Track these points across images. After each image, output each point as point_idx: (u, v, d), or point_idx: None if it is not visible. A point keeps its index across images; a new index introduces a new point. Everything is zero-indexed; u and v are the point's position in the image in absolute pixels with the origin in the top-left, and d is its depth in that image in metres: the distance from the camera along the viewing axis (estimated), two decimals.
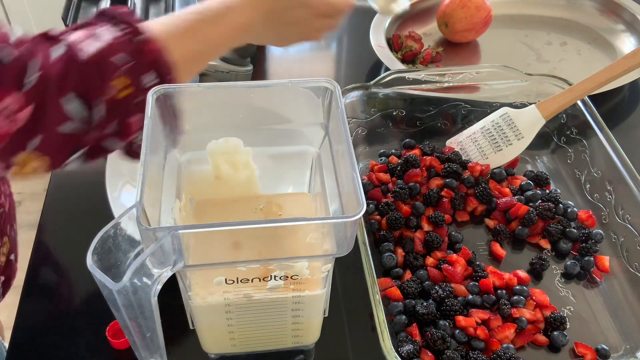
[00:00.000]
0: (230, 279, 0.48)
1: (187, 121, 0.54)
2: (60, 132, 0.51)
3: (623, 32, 1.04)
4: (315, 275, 0.50)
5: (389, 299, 0.62)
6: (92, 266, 0.40)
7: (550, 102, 0.75)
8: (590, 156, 0.73)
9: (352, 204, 0.43)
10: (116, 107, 0.52)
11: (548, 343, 0.61)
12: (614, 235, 0.68)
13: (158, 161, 0.50)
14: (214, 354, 0.59)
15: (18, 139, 0.49)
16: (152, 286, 0.43)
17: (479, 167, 0.74)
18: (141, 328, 0.45)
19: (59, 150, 0.52)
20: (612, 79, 0.74)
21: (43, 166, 0.52)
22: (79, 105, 0.51)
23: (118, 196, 0.68)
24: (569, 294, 0.66)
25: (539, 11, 1.09)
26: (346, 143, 0.47)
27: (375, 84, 0.77)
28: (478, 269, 0.65)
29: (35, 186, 1.92)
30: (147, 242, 0.41)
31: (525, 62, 0.98)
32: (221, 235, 0.43)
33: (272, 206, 0.56)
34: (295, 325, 0.55)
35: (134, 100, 0.53)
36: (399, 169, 0.74)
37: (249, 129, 0.55)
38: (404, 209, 0.70)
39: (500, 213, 0.72)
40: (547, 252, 0.70)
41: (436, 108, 0.81)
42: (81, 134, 0.52)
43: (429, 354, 0.57)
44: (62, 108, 0.50)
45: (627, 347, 0.61)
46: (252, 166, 0.56)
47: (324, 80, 0.52)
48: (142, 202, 0.42)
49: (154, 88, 0.50)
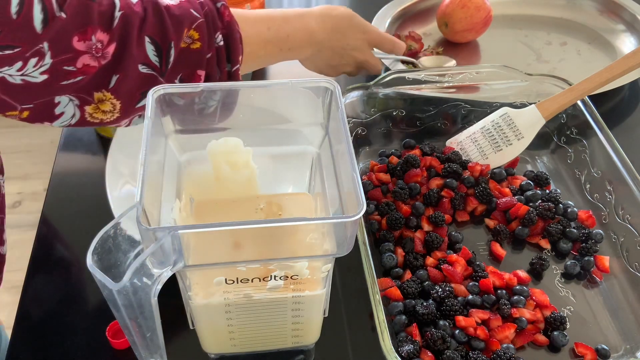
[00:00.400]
0: (230, 279, 0.48)
1: (187, 121, 0.54)
2: (136, 73, 0.56)
3: (623, 32, 1.04)
4: (315, 275, 0.50)
5: (389, 299, 0.62)
6: (92, 266, 0.40)
7: (550, 102, 0.75)
8: (590, 156, 0.73)
9: (352, 204, 0.43)
10: (187, 57, 0.58)
11: (548, 343, 0.61)
12: (614, 235, 0.68)
13: (158, 161, 0.50)
14: (214, 354, 0.59)
15: (103, 74, 0.55)
16: (152, 286, 0.43)
17: (479, 167, 0.74)
18: (141, 328, 0.45)
19: (131, 92, 0.57)
20: (612, 79, 0.74)
21: (115, 110, 0.58)
22: (154, 49, 0.56)
23: (118, 196, 0.68)
24: (569, 294, 0.66)
25: (539, 11, 1.09)
26: (346, 143, 0.47)
27: (375, 84, 0.77)
28: (478, 269, 0.65)
29: (35, 186, 1.92)
30: (147, 242, 0.41)
31: (525, 62, 0.98)
32: (221, 235, 0.43)
33: (272, 206, 0.56)
34: (295, 325, 0.55)
35: (203, 54, 0.59)
36: (399, 169, 0.74)
37: (249, 129, 0.55)
38: (404, 209, 0.70)
39: (500, 213, 0.72)
40: (547, 252, 0.70)
41: (436, 108, 0.81)
42: (152, 79, 0.57)
43: (429, 354, 0.57)
44: (140, 49, 0.55)
45: (627, 347, 0.61)
46: (252, 166, 0.56)
47: (324, 80, 0.52)
48: (142, 202, 0.42)
49: (154, 88, 0.50)
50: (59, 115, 0.56)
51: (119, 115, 0.59)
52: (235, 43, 0.62)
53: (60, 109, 0.56)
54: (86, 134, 0.85)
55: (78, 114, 0.57)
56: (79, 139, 0.85)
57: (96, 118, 0.58)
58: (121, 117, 0.59)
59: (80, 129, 0.85)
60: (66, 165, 0.81)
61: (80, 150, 0.83)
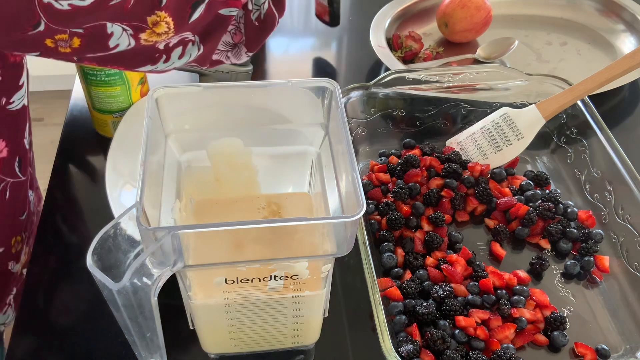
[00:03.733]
0: (230, 279, 0.48)
1: (187, 121, 0.54)
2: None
3: (623, 32, 1.04)
4: (315, 275, 0.50)
5: (389, 299, 0.62)
6: (92, 266, 0.40)
7: (550, 102, 0.75)
8: (590, 156, 0.73)
9: (352, 204, 0.43)
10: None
11: (548, 343, 0.61)
12: (614, 235, 0.68)
13: (158, 161, 0.50)
14: (214, 354, 0.59)
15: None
16: (152, 286, 0.43)
17: (479, 167, 0.74)
18: (141, 328, 0.45)
19: (182, 6, 0.54)
20: (612, 79, 0.74)
21: (170, 30, 0.55)
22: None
23: (118, 196, 0.68)
24: (569, 294, 0.66)
25: (539, 11, 1.09)
26: (346, 143, 0.47)
27: (375, 84, 0.77)
28: (478, 269, 0.65)
29: None
30: (147, 242, 0.41)
31: (525, 62, 0.98)
32: (221, 235, 0.43)
33: (272, 206, 0.56)
34: (295, 325, 0.55)
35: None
36: (399, 169, 0.74)
37: (249, 129, 0.55)
38: (404, 209, 0.70)
39: (500, 213, 0.72)
40: (547, 252, 0.70)
41: (436, 108, 0.81)
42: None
43: (429, 354, 0.57)
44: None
45: (627, 347, 0.61)
46: (252, 166, 0.56)
47: (324, 80, 0.52)
48: (142, 202, 0.42)
49: (155, 88, 0.50)
50: (113, 47, 0.54)
51: (172, 35, 0.56)
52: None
53: (115, 41, 0.54)
54: (86, 134, 0.85)
55: (133, 42, 0.55)
56: (79, 139, 0.85)
57: (150, 41, 0.56)
58: (175, 35, 0.57)
59: (80, 129, 0.85)
60: (66, 165, 0.81)
61: (80, 150, 0.83)
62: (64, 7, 0.48)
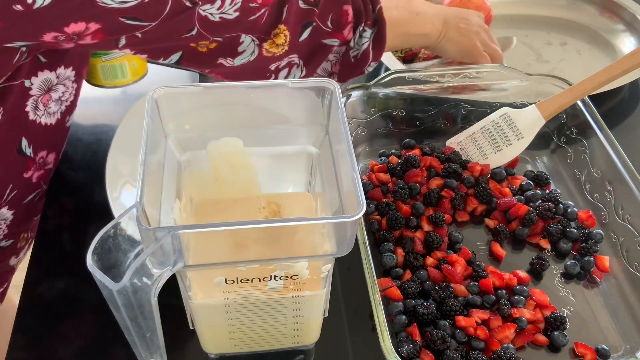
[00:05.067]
0: (230, 279, 0.48)
1: (187, 121, 0.54)
2: (297, 7, 0.64)
3: (623, 32, 1.04)
4: (315, 275, 0.50)
5: (389, 299, 0.62)
6: (92, 266, 0.40)
7: (550, 102, 0.75)
8: (590, 156, 0.73)
9: (352, 204, 0.43)
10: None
11: (548, 343, 0.61)
12: (614, 235, 0.68)
13: (158, 161, 0.50)
14: (214, 354, 0.59)
15: (278, 8, 0.63)
16: (152, 286, 0.43)
17: (479, 167, 0.74)
18: (141, 328, 0.45)
19: (296, 23, 0.65)
20: (612, 79, 0.74)
21: (286, 43, 0.65)
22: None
23: (118, 196, 0.68)
24: (569, 294, 0.66)
25: (539, 11, 1.09)
26: (346, 143, 0.47)
27: (375, 84, 0.77)
28: (478, 269, 0.65)
29: None
30: (147, 242, 0.41)
31: (525, 62, 0.98)
32: (221, 235, 0.43)
33: (272, 206, 0.56)
34: (295, 325, 0.55)
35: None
36: (399, 169, 0.74)
37: (249, 129, 0.55)
38: (404, 209, 0.70)
39: (500, 213, 0.72)
40: (547, 252, 0.70)
41: (436, 108, 0.81)
42: (310, 13, 0.65)
43: (429, 354, 0.57)
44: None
45: (627, 347, 0.61)
46: (252, 166, 0.56)
47: (324, 80, 0.52)
48: (142, 202, 0.42)
49: (155, 88, 0.50)
50: (240, 52, 0.64)
51: (287, 49, 0.66)
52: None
53: (243, 47, 0.64)
54: (86, 134, 0.85)
55: (257, 51, 0.65)
56: (79, 139, 0.84)
57: (270, 52, 0.66)
58: (289, 50, 0.66)
59: (79, 130, 0.86)
60: (66, 165, 0.81)
61: (80, 150, 0.83)
62: (216, 19, 0.59)
